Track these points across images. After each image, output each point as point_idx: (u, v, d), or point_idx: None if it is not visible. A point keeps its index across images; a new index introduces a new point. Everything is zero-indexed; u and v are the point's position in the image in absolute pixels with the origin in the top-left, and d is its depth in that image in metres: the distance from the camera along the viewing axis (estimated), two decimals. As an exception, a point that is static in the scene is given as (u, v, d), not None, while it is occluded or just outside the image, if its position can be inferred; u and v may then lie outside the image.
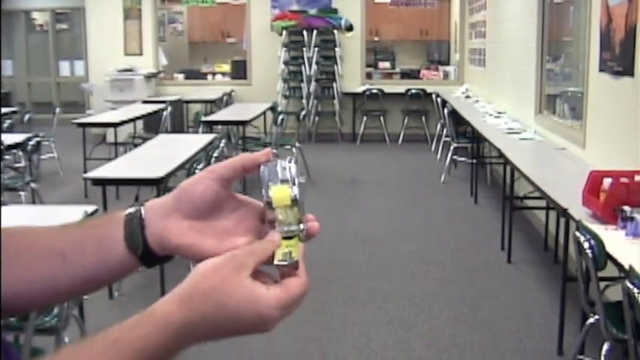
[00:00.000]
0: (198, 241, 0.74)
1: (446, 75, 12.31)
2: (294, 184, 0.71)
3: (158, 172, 4.74)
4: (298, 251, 0.72)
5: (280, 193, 0.70)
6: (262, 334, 0.71)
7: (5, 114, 8.72)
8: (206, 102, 10.86)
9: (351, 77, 11.70)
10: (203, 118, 8.37)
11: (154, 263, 0.77)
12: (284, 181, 0.71)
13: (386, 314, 4.41)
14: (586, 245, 2.90)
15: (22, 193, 6.02)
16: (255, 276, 0.70)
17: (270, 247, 0.71)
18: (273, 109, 9.04)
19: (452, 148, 8.38)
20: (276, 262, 0.71)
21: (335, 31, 11.34)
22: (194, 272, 0.70)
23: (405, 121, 11.29)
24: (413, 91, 11.22)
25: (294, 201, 0.71)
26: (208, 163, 5.18)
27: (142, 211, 0.75)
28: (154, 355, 0.66)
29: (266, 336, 4.09)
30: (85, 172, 6.03)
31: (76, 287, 0.76)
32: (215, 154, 5.71)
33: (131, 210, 0.76)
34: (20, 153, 6.63)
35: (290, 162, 0.72)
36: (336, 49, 11.40)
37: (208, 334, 0.69)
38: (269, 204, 0.71)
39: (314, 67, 11.30)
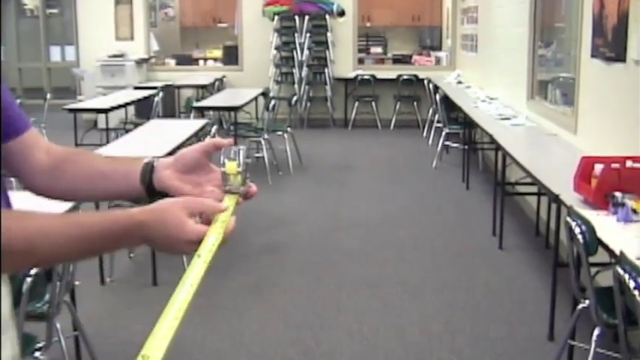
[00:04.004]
0: (181, 185, 1.19)
1: (438, 61, 12.29)
2: (240, 162, 1.14)
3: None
4: (235, 207, 1.13)
5: (231, 166, 1.14)
6: (257, 321, 0.71)
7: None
8: (197, 87, 10.82)
9: (343, 63, 11.67)
10: (194, 104, 8.33)
11: (154, 194, 1.21)
12: (234, 159, 1.14)
13: (378, 300, 4.42)
14: (577, 231, 2.91)
15: (12, 178, 5.98)
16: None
17: (217, 208, 1.10)
18: (264, 94, 9.00)
19: (444, 133, 8.38)
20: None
21: (327, 17, 11.29)
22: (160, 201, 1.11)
23: (397, 106, 11.28)
24: (405, 76, 11.19)
25: (239, 172, 1.14)
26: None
27: (155, 163, 1.24)
28: (109, 228, 1.06)
29: (259, 321, 4.06)
30: (76, 158, 5.99)
31: (108, 194, 1.29)
32: (206, 140, 5.70)
33: (149, 160, 1.24)
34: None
35: (240, 149, 1.14)
36: (328, 34, 11.36)
37: (146, 234, 1.06)
38: (224, 172, 1.15)
39: (306, 52, 11.26)
